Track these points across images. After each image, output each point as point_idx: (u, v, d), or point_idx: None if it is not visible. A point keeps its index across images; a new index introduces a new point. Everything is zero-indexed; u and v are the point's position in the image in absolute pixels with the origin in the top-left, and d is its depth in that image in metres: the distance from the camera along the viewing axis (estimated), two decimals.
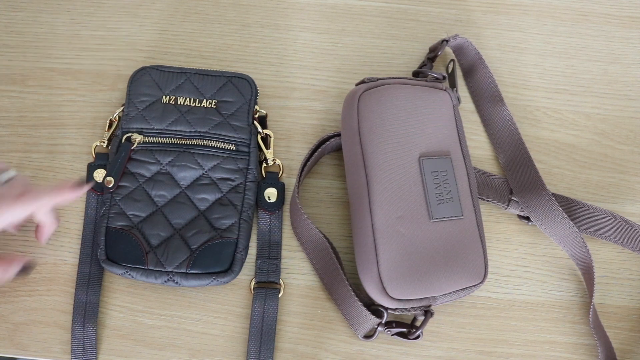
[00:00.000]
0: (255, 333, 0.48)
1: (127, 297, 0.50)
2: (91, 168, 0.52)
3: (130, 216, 0.49)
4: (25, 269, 0.46)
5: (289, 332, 0.50)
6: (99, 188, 0.51)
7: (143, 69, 0.53)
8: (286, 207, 0.54)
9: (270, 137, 0.54)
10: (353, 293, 0.48)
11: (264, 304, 0.49)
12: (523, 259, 0.54)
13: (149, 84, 0.53)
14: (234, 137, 0.52)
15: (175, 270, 0.48)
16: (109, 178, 0.50)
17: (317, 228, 0.50)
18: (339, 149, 0.56)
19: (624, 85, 0.60)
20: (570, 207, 0.54)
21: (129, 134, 0.51)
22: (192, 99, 0.52)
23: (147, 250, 0.48)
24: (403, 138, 0.49)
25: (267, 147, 0.54)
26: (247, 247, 0.50)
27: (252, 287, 0.50)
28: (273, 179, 0.53)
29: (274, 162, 0.54)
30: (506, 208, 0.54)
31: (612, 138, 0.58)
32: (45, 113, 0.56)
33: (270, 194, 0.52)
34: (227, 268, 0.48)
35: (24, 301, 0.50)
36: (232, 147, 0.51)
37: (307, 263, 0.52)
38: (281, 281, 0.51)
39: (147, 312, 0.50)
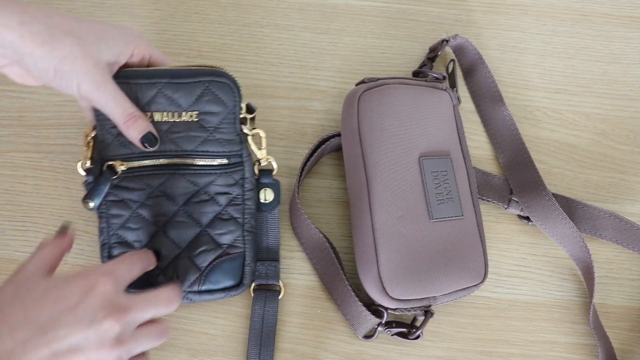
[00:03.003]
0: (255, 335, 0.48)
1: None
2: (89, 185, 0.47)
3: (133, 243, 0.47)
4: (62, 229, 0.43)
5: (289, 332, 0.50)
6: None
7: None
8: (286, 207, 0.54)
9: (260, 136, 0.49)
10: (353, 293, 0.48)
11: (263, 307, 0.49)
12: (523, 259, 0.54)
13: None
14: (224, 152, 0.47)
15: (188, 290, 0.47)
16: (90, 203, 0.45)
17: (317, 228, 0.50)
18: (339, 149, 0.56)
19: (624, 85, 0.61)
20: (570, 207, 0.54)
21: (110, 163, 0.46)
22: (170, 114, 0.46)
23: (157, 273, 0.47)
24: (403, 138, 0.49)
25: (259, 146, 0.49)
26: (255, 257, 0.48)
27: (252, 289, 0.50)
28: (267, 177, 0.49)
29: (268, 161, 0.50)
30: (506, 208, 0.54)
31: (612, 138, 0.58)
32: (45, 113, 0.56)
33: (266, 193, 0.50)
34: (238, 282, 0.47)
35: None
36: (225, 160, 0.47)
37: (307, 263, 0.52)
38: (281, 283, 0.50)
39: None
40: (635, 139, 0.58)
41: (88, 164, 0.47)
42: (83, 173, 0.46)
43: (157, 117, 0.46)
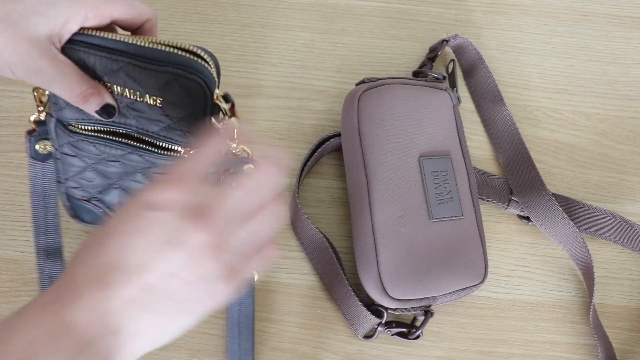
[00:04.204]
0: (233, 326, 0.47)
1: None
2: (34, 138, 0.43)
3: (88, 189, 0.45)
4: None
5: (289, 332, 0.50)
6: (41, 157, 0.44)
7: (63, 49, 0.38)
8: (285, 208, 0.54)
9: (235, 125, 0.40)
10: (353, 293, 0.48)
11: (238, 297, 0.47)
12: (523, 259, 0.54)
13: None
14: (189, 142, 0.41)
15: None
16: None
17: (317, 228, 0.50)
18: (339, 149, 0.56)
19: (624, 85, 0.60)
20: (570, 207, 0.54)
21: (66, 124, 0.42)
22: (131, 91, 0.38)
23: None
24: (403, 138, 0.49)
25: (232, 137, 0.40)
26: None
27: None
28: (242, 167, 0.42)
29: (243, 150, 0.41)
30: (506, 208, 0.54)
31: (612, 138, 0.58)
32: None
33: None
34: None
35: (24, 301, 0.50)
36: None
37: (307, 263, 0.52)
38: (253, 272, 0.46)
39: None
40: (635, 139, 0.58)
41: (42, 116, 0.42)
42: (32, 127, 0.42)
43: (118, 90, 0.38)
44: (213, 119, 0.39)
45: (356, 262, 0.48)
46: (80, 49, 0.36)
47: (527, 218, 0.54)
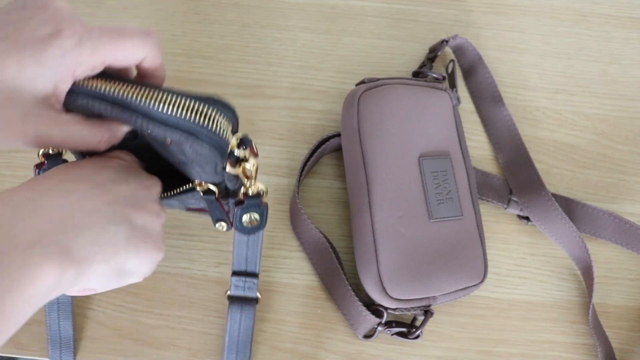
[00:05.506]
0: (232, 343, 0.47)
1: (127, 297, 0.50)
2: (43, 172, 0.40)
3: None
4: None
5: (289, 332, 0.50)
6: None
7: (65, 102, 0.34)
8: (285, 207, 0.54)
9: (252, 170, 0.38)
10: (353, 293, 0.48)
11: (240, 315, 0.47)
12: (522, 259, 0.54)
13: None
14: (200, 176, 0.38)
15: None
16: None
17: (317, 228, 0.50)
18: (339, 149, 0.56)
19: (624, 86, 0.61)
20: (570, 207, 0.54)
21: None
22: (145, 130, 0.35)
23: None
24: (403, 138, 0.49)
25: (250, 178, 0.38)
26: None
27: (227, 297, 0.46)
28: (254, 204, 0.40)
29: (258, 189, 0.40)
30: (506, 208, 0.55)
31: (612, 138, 0.58)
32: None
33: (251, 216, 0.41)
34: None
35: None
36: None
37: (307, 263, 0.52)
38: (258, 294, 0.46)
39: (147, 312, 0.50)
40: (635, 139, 0.59)
41: (51, 150, 0.39)
42: (41, 160, 0.39)
43: (126, 128, 0.37)
44: (228, 167, 0.37)
45: (356, 262, 0.48)
46: (82, 98, 0.34)
47: (527, 218, 0.54)
